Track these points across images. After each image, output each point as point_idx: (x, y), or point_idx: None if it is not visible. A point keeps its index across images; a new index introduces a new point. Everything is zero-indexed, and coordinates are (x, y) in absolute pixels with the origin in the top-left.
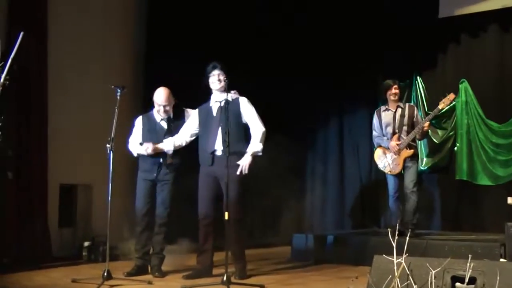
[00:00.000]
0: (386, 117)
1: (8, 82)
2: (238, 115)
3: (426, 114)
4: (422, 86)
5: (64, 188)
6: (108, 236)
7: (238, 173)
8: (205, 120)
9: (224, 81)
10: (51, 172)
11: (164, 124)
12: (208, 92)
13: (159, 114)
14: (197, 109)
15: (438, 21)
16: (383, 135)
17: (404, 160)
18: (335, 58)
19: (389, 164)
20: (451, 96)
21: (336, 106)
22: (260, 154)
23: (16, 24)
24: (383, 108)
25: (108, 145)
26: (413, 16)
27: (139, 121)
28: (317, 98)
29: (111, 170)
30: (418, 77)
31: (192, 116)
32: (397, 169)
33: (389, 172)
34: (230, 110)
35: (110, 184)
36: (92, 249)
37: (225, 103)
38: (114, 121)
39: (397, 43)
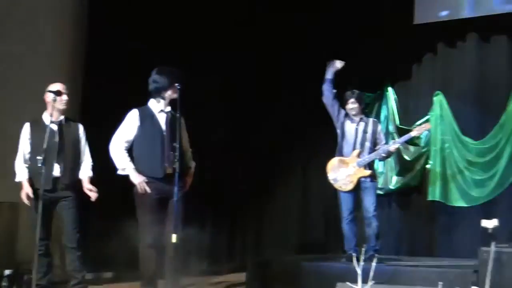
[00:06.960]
0: (348, 128)
1: None
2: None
3: (397, 128)
4: (394, 98)
5: None
6: (35, 263)
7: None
8: (151, 129)
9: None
10: None
11: (55, 127)
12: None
13: (55, 106)
14: (135, 110)
15: (413, 28)
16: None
17: (359, 180)
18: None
19: (341, 178)
20: (427, 125)
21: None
22: None
23: None
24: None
25: (39, 157)
26: (385, 21)
27: (25, 129)
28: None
29: (43, 184)
30: (389, 88)
31: (132, 119)
32: (348, 187)
33: (339, 188)
34: (178, 123)
35: (40, 202)
36: (14, 279)
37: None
38: (47, 130)
39: (366, 50)
